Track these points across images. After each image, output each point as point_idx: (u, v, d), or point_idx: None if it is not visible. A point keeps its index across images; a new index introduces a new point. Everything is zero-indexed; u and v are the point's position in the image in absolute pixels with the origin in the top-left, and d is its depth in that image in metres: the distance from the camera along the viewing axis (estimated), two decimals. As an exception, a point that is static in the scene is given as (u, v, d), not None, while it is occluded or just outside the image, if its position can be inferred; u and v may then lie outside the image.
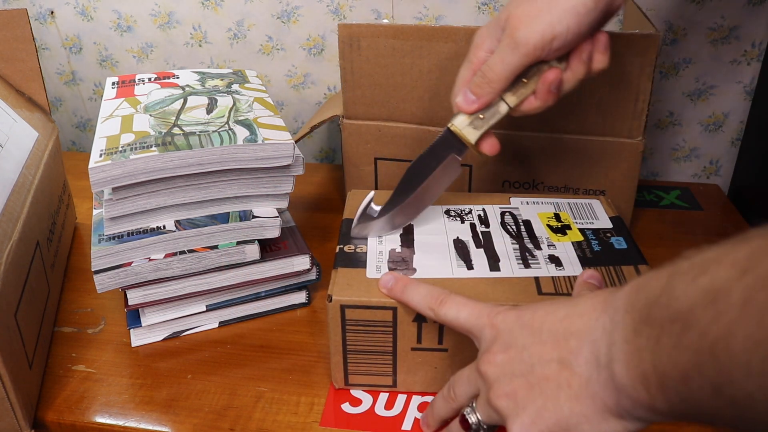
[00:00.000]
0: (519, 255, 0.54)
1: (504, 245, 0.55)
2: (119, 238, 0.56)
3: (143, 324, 0.59)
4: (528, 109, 0.52)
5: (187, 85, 0.67)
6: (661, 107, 0.87)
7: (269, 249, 0.61)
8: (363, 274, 0.52)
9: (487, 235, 0.57)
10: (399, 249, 0.55)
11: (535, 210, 0.60)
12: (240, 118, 0.60)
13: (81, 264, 0.72)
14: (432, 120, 0.69)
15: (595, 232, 0.57)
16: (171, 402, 0.54)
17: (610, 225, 0.58)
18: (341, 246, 0.56)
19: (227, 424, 0.52)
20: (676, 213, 0.81)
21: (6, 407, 0.49)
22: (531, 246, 0.55)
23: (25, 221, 0.56)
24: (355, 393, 0.54)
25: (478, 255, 0.54)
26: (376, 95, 0.69)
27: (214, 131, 0.57)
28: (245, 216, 0.59)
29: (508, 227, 0.58)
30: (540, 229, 0.58)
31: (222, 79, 0.69)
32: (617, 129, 0.66)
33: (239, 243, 0.58)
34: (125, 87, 0.68)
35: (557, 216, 0.59)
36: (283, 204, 0.60)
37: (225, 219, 0.58)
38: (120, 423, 0.53)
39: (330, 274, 0.52)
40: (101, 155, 0.53)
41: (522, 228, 0.58)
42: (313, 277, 0.64)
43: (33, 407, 0.53)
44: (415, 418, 0.52)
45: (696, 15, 0.80)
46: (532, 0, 0.47)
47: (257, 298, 0.62)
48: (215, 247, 0.58)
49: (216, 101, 0.63)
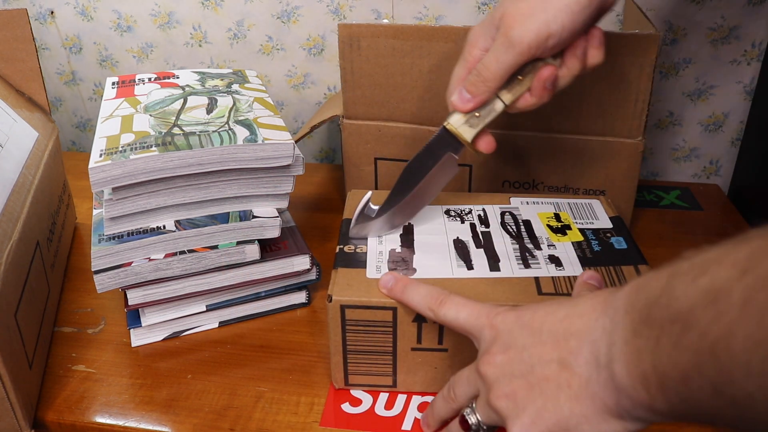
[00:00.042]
0: (519, 255, 0.54)
1: (504, 245, 0.55)
2: (119, 238, 0.56)
3: (143, 324, 0.59)
4: (524, 106, 0.52)
5: (187, 85, 0.67)
6: (661, 107, 0.87)
7: (269, 249, 0.61)
8: (363, 274, 0.52)
9: (487, 235, 0.57)
10: (399, 249, 0.55)
11: (535, 210, 0.60)
12: (240, 118, 0.60)
13: (81, 264, 0.72)
14: (432, 120, 0.69)
15: (595, 232, 0.57)
16: (171, 402, 0.54)
17: (610, 225, 0.58)
18: (341, 246, 0.56)
19: (227, 424, 0.52)
20: (676, 213, 0.81)
21: (6, 407, 0.49)
22: (531, 246, 0.55)
23: (25, 221, 0.56)
24: (355, 393, 0.54)
25: (478, 255, 0.54)
26: (376, 95, 0.69)
27: (214, 131, 0.57)
28: (245, 216, 0.59)
29: (508, 227, 0.58)
30: (540, 229, 0.58)
31: (222, 79, 0.69)
32: (617, 129, 0.66)
33: (239, 243, 0.58)
34: (125, 87, 0.68)
35: (557, 216, 0.59)
36: (283, 204, 0.60)
37: (225, 219, 0.58)
38: (120, 423, 0.53)
39: (330, 274, 0.52)
40: (101, 155, 0.53)
41: (522, 228, 0.58)
42: (313, 277, 0.64)
43: (33, 407, 0.53)
44: (415, 418, 0.52)
45: (696, 15, 0.80)
46: None
47: (257, 298, 0.62)
48: (215, 247, 0.58)
49: (216, 101, 0.63)
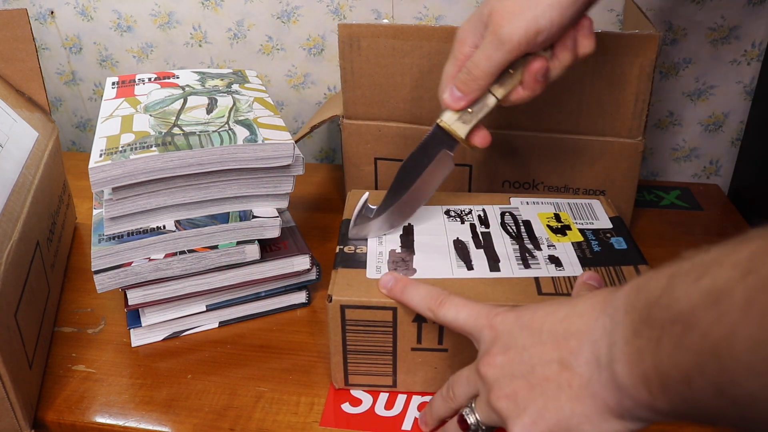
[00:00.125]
0: (519, 255, 0.54)
1: (504, 246, 0.55)
2: (119, 238, 0.56)
3: (143, 324, 0.59)
4: (517, 99, 0.51)
5: (187, 85, 0.67)
6: (661, 107, 0.87)
7: (269, 249, 0.61)
8: (363, 274, 0.52)
9: (487, 236, 0.57)
10: (399, 249, 0.55)
11: (535, 210, 0.60)
12: (240, 118, 0.60)
13: (81, 264, 0.72)
14: (432, 120, 0.68)
15: (595, 232, 0.57)
16: (171, 402, 0.54)
17: (610, 225, 0.58)
18: (341, 246, 0.56)
19: (227, 424, 0.52)
20: (676, 213, 0.81)
21: (6, 407, 0.49)
22: (531, 246, 0.55)
23: (25, 221, 0.56)
24: (355, 393, 0.54)
25: (478, 255, 0.54)
26: (376, 95, 0.69)
27: (214, 131, 0.57)
28: (245, 216, 0.59)
29: (508, 228, 0.58)
30: (540, 230, 0.58)
31: (222, 79, 0.69)
32: (617, 129, 0.66)
33: (239, 243, 0.58)
34: (125, 87, 0.68)
35: (557, 216, 0.59)
36: (283, 204, 0.60)
37: (225, 219, 0.58)
38: (120, 423, 0.53)
39: (330, 274, 0.52)
40: (101, 155, 0.53)
41: (522, 228, 0.58)
42: (313, 277, 0.64)
43: (33, 407, 0.53)
44: (415, 418, 0.52)
45: (696, 15, 0.80)
46: None
47: (257, 298, 0.62)
48: (215, 247, 0.58)
49: (216, 101, 0.63)
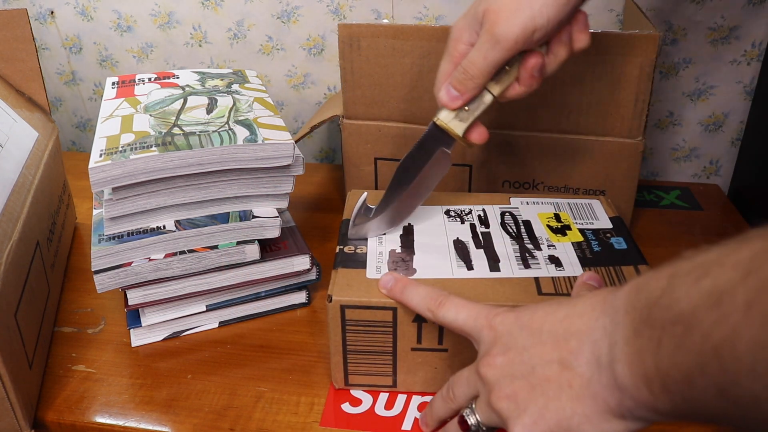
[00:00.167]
0: (519, 255, 0.54)
1: (504, 246, 0.55)
2: (119, 238, 0.56)
3: (143, 324, 0.59)
4: (513, 95, 0.51)
5: (187, 85, 0.67)
6: (661, 107, 0.87)
7: (269, 249, 0.61)
8: (363, 274, 0.52)
9: (487, 236, 0.57)
10: (399, 249, 0.55)
11: (535, 210, 0.60)
12: (240, 118, 0.60)
13: (81, 264, 0.72)
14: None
15: (595, 232, 0.57)
16: (171, 402, 0.54)
17: (610, 225, 0.58)
18: (341, 246, 0.56)
19: (227, 424, 0.52)
20: (676, 213, 0.81)
21: (6, 407, 0.49)
22: (531, 246, 0.55)
23: (25, 221, 0.56)
24: (355, 393, 0.54)
25: (478, 255, 0.54)
26: (376, 95, 0.69)
27: (214, 131, 0.57)
28: (245, 216, 0.59)
29: (508, 228, 0.58)
30: (540, 230, 0.58)
31: (222, 79, 0.69)
32: (617, 129, 0.66)
33: (239, 243, 0.58)
34: (125, 87, 0.68)
35: (557, 216, 0.59)
36: (283, 204, 0.60)
37: (225, 219, 0.58)
38: (120, 423, 0.53)
39: (330, 274, 0.52)
40: (101, 155, 0.53)
41: (522, 228, 0.58)
42: (313, 277, 0.64)
43: (33, 407, 0.53)
44: (415, 418, 0.52)
45: (696, 15, 0.80)
46: None
47: (257, 298, 0.62)
48: (215, 247, 0.58)
49: (216, 101, 0.63)
